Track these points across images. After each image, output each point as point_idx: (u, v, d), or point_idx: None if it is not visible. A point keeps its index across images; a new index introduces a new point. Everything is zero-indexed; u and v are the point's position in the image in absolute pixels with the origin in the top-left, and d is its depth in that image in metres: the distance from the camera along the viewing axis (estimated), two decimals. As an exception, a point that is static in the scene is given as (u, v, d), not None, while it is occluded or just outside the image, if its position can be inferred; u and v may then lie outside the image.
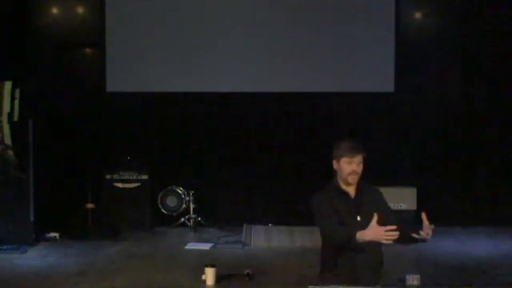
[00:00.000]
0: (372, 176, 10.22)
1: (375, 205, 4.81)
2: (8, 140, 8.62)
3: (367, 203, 4.81)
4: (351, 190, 4.87)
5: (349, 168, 4.81)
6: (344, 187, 4.87)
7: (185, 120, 10.26)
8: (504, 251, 8.54)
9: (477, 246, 8.91)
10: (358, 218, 4.78)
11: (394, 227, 4.51)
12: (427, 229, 4.63)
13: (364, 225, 4.64)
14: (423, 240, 4.69)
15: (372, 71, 10.11)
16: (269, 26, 10.10)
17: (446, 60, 10.17)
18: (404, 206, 9.83)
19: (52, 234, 9.10)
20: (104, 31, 10.13)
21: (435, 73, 10.16)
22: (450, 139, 10.19)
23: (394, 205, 9.81)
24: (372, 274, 4.81)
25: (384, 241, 4.53)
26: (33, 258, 8.23)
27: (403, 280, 6.94)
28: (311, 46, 10.08)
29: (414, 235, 4.69)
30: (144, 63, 10.11)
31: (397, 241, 4.62)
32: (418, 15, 10.27)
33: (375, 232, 4.52)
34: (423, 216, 4.65)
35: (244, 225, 9.73)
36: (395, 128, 10.20)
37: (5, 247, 8.41)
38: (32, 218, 8.88)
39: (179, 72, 10.13)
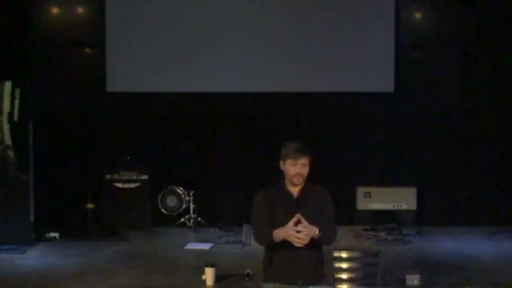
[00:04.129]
0: (372, 176, 10.32)
1: (317, 207, 4.82)
2: (8, 140, 8.62)
3: (309, 204, 4.80)
4: (295, 191, 4.86)
5: (293, 170, 4.79)
6: (289, 187, 4.87)
7: (185, 120, 10.26)
8: (504, 251, 8.53)
9: (477, 246, 8.91)
10: (299, 221, 4.79)
11: (305, 230, 4.57)
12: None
13: (306, 227, 4.68)
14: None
15: (372, 71, 10.11)
16: (269, 26, 10.10)
17: (446, 60, 10.17)
18: (404, 206, 9.83)
19: (52, 234, 9.10)
20: (104, 31, 10.13)
21: (435, 73, 10.15)
22: (450, 139, 10.19)
23: (394, 205, 9.84)
24: (310, 273, 4.81)
25: (295, 243, 4.60)
26: (33, 258, 8.23)
27: (403, 280, 6.98)
28: (311, 46, 10.08)
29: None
30: (144, 63, 10.11)
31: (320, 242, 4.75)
32: (418, 15, 10.27)
33: (287, 231, 4.61)
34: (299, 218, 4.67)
35: (244, 225, 9.73)
36: (395, 128, 10.20)
37: (5, 247, 8.41)
38: (32, 218, 8.88)
39: (179, 72, 10.13)
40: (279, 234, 4.65)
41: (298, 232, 4.59)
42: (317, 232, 4.64)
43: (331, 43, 10.11)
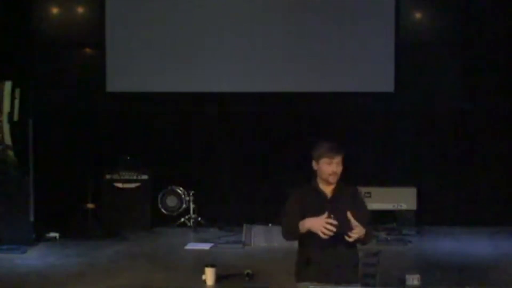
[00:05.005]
0: (372, 176, 10.32)
1: (351, 205, 4.87)
2: (8, 140, 8.61)
3: (343, 203, 4.86)
4: (329, 190, 4.94)
5: (329, 169, 4.89)
6: (322, 187, 4.94)
7: (185, 120, 10.26)
8: (504, 251, 8.53)
9: (477, 246, 8.91)
10: (331, 217, 4.81)
11: (334, 222, 4.61)
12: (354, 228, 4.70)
13: (336, 224, 4.72)
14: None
15: (372, 71, 10.11)
16: (269, 26, 10.10)
17: (446, 60, 10.17)
18: (404, 206, 9.83)
19: (52, 234, 9.09)
20: (104, 31, 10.13)
21: (435, 73, 10.15)
22: (450, 139, 10.18)
23: (394, 205, 9.83)
24: (346, 273, 4.84)
25: (322, 235, 4.62)
26: (33, 258, 8.23)
27: (403, 280, 6.98)
28: (311, 46, 10.08)
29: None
30: (144, 63, 10.11)
31: (359, 241, 4.79)
32: (418, 15, 10.27)
33: (314, 222, 4.67)
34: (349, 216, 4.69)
35: (244, 225, 9.73)
36: (395, 128, 10.20)
37: (5, 247, 8.41)
38: (32, 218, 8.87)
39: (179, 72, 10.14)
40: (306, 223, 4.70)
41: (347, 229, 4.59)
42: (364, 232, 4.69)
43: (331, 43, 10.11)
